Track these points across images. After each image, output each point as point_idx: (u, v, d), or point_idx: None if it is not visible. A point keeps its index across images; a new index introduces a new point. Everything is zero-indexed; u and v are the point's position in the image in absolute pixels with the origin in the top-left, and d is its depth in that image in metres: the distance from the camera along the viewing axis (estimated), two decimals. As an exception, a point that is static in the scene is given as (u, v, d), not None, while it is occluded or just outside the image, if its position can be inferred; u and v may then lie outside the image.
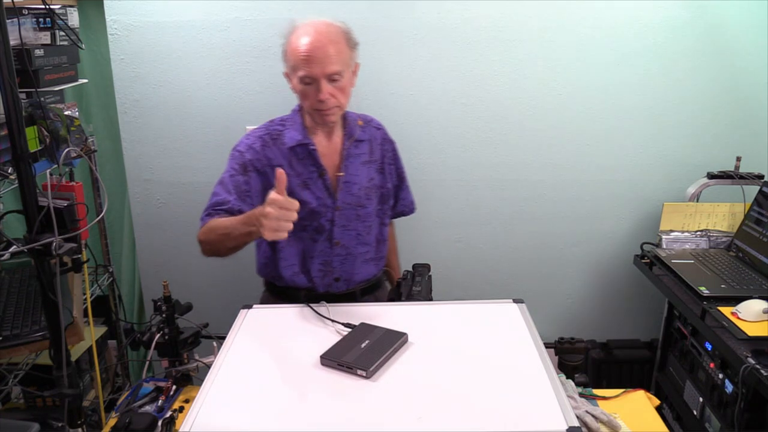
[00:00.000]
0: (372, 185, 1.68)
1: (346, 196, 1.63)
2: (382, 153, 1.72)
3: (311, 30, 1.48)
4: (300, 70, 1.48)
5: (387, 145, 1.74)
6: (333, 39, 1.48)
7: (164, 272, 2.25)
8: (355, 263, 1.67)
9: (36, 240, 1.09)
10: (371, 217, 1.69)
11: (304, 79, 1.48)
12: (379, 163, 1.71)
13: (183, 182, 2.20)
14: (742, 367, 1.43)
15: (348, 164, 1.63)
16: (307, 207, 1.59)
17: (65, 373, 1.14)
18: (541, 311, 2.32)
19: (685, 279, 1.81)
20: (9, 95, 1.04)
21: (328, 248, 1.64)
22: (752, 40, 2.06)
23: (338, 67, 1.48)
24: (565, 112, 2.14)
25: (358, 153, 1.66)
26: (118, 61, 2.07)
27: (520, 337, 1.23)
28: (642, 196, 2.24)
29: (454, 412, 1.00)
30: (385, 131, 1.75)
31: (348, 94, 1.56)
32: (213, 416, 1.01)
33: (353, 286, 1.68)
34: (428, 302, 1.48)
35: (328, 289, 1.66)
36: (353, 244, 1.66)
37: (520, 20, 2.04)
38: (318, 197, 1.60)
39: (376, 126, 1.73)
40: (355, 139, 1.65)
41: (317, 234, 1.63)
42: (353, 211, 1.64)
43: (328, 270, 1.65)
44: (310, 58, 1.46)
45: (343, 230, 1.64)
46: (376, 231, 1.71)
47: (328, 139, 1.63)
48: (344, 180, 1.63)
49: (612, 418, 1.29)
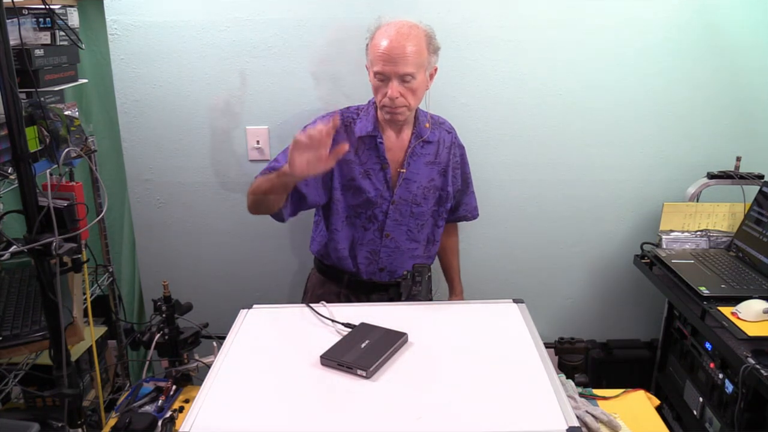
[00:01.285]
0: (431, 186, 1.73)
1: (404, 192, 1.69)
2: (449, 156, 1.76)
3: (393, 30, 1.52)
4: (375, 66, 1.53)
5: (455, 149, 1.79)
6: (412, 40, 1.52)
7: (164, 272, 2.25)
8: (402, 257, 1.73)
9: (36, 240, 1.09)
10: (425, 216, 1.74)
11: (377, 75, 1.54)
12: (443, 166, 1.75)
13: (183, 182, 2.20)
14: (742, 367, 1.43)
15: (411, 162, 1.69)
16: (364, 195, 1.66)
17: (65, 373, 1.14)
18: (541, 311, 2.32)
19: (685, 279, 1.81)
20: (9, 95, 1.04)
21: (378, 239, 1.71)
22: (752, 40, 2.06)
23: (412, 68, 1.52)
24: (565, 112, 2.14)
25: (424, 153, 1.71)
26: (118, 61, 2.07)
27: (520, 337, 1.23)
28: (642, 196, 2.24)
29: (454, 412, 1.00)
30: (455, 135, 1.80)
31: (419, 96, 1.59)
32: (213, 416, 1.01)
33: (396, 278, 1.72)
34: (428, 302, 1.48)
35: (372, 277, 1.74)
36: (403, 239, 1.72)
37: (520, 20, 2.04)
38: (376, 188, 1.67)
39: (447, 129, 1.78)
40: (423, 139, 1.69)
41: (369, 223, 1.70)
42: (408, 207, 1.70)
43: (375, 259, 1.72)
44: (386, 57, 1.51)
45: (395, 224, 1.70)
46: (428, 231, 1.76)
47: (396, 135, 1.69)
48: (405, 176, 1.68)
49: (612, 418, 1.29)
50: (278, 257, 2.28)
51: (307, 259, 2.00)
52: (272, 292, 2.30)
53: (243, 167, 2.18)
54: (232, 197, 2.22)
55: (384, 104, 1.57)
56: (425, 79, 1.59)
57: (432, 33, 1.59)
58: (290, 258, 2.28)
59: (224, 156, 2.17)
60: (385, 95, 1.54)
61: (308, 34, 2.04)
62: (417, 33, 1.54)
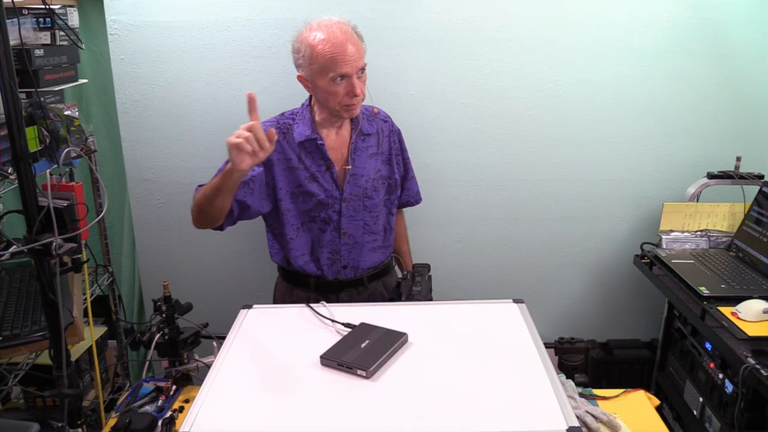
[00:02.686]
0: (379, 176, 1.74)
1: (353, 188, 1.69)
2: (390, 145, 1.78)
3: (330, 31, 1.53)
4: (331, 71, 1.52)
5: (394, 136, 1.80)
6: (351, 35, 1.55)
7: (164, 272, 2.25)
8: (363, 251, 1.74)
9: (36, 240, 1.09)
10: (378, 208, 1.75)
11: (335, 78, 1.53)
12: (387, 155, 1.77)
13: (183, 182, 2.20)
14: (742, 367, 1.43)
15: (355, 157, 1.70)
16: (315, 199, 1.67)
17: (65, 373, 1.14)
18: (541, 311, 2.32)
19: (685, 279, 1.81)
20: (9, 95, 1.04)
21: (336, 238, 1.71)
22: (753, 40, 2.06)
23: (364, 60, 1.57)
24: (565, 112, 2.14)
25: (366, 146, 1.72)
26: (118, 61, 2.07)
27: (520, 337, 1.23)
28: (642, 196, 2.24)
29: (454, 412, 1.00)
30: (392, 123, 1.81)
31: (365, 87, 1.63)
32: (213, 416, 1.01)
33: (361, 272, 1.75)
34: (428, 302, 1.48)
35: (337, 276, 1.74)
36: (360, 233, 1.73)
37: (520, 20, 2.04)
38: (326, 189, 1.67)
39: (383, 118, 1.79)
40: (362, 131, 1.71)
41: (325, 224, 1.70)
42: (360, 202, 1.71)
43: (336, 258, 1.72)
44: (341, 58, 1.51)
45: (350, 220, 1.70)
46: (383, 220, 1.78)
47: (336, 133, 1.70)
48: (351, 173, 1.69)
49: (612, 418, 1.29)
50: (278, 257, 2.28)
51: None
52: (272, 292, 2.30)
53: (243, 167, 2.17)
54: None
55: (346, 103, 1.57)
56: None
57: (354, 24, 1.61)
58: (290, 258, 2.28)
59: (224, 156, 2.15)
60: (347, 94, 1.55)
61: (308, 34, 2.04)
62: (348, 27, 1.57)
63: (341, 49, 1.52)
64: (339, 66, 1.52)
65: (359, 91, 1.56)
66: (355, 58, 1.53)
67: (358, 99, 1.57)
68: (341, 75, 1.53)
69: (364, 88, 1.59)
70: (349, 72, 1.53)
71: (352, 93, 1.55)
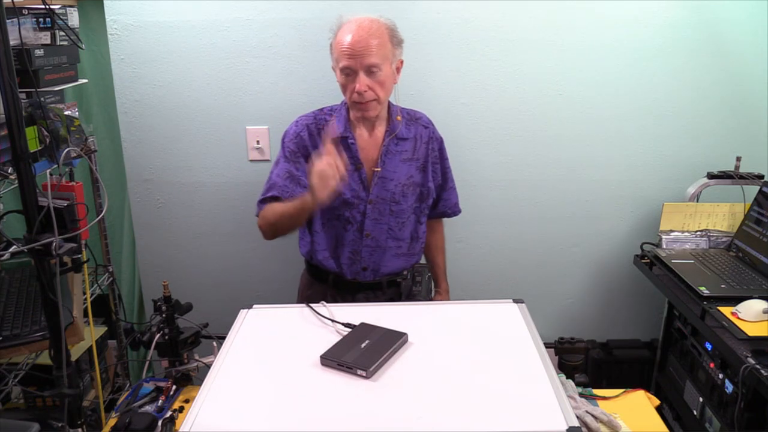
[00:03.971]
0: (410, 183, 1.71)
1: (381, 191, 1.67)
2: (427, 151, 1.74)
3: (354, 25, 1.54)
4: (341, 62, 1.54)
5: (433, 143, 1.77)
6: (374, 33, 1.53)
7: (164, 272, 2.25)
8: (384, 256, 1.71)
9: (36, 240, 1.09)
10: (405, 214, 1.72)
11: (344, 70, 1.55)
12: (422, 162, 1.73)
13: (183, 182, 2.20)
14: (742, 367, 1.43)
15: (386, 160, 1.67)
16: (341, 197, 1.65)
17: (65, 373, 1.14)
18: (541, 311, 2.32)
19: (685, 279, 1.81)
20: (9, 95, 1.04)
21: (359, 239, 1.69)
22: (752, 40, 2.06)
23: (377, 59, 1.52)
24: (565, 112, 2.14)
25: (399, 150, 1.69)
26: (118, 61, 2.07)
27: (520, 337, 1.23)
28: (642, 196, 2.24)
29: (453, 412, 1.00)
30: (433, 129, 1.78)
31: (387, 89, 1.60)
32: (213, 416, 1.01)
33: (380, 277, 1.72)
34: (428, 302, 1.48)
35: (356, 277, 1.72)
36: (384, 237, 1.70)
37: (520, 20, 2.04)
38: (352, 189, 1.66)
39: (423, 124, 1.76)
40: (397, 136, 1.68)
41: (348, 224, 1.69)
42: (387, 206, 1.68)
43: (357, 259, 1.71)
44: (350, 51, 1.52)
45: (374, 223, 1.69)
46: (410, 228, 1.74)
47: (369, 134, 1.68)
48: (380, 175, 1.67)
49: (612, 418, 1.29)
50: (278, 257, 2.28)
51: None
52: (272, 292, 2.30)
53: (243, 167, 2.18)
54: (232, 197, 2.22)
55: (354, 100, 1.57)
56: (392, 72, 1.59)
57: (394, 26, 1.60)
58: (290, 258, 2.27)
59: (224, 156, 2.17)
60: (354, 90, 1.54)
61: (308, 34, 2.04)
62: (378, 26, 1.55)
63: (351, 42, 1.51)
64: (342, 58, 1.53)
65: (361, 88, 1.53)
66: (362, 54, 1.51)
67: (363, 97, 1.55)
68: (345, 68, 1.53)
69: (378, 89, 1.55)
70: (352, 66, 1.52)
71: (358, 90, 1.53)
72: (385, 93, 1.59)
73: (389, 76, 1.58)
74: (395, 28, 1.60)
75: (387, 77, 1.57)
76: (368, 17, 1.56)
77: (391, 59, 1.57)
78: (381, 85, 1.56)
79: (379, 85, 1.55)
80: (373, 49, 1.51)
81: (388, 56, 1.55)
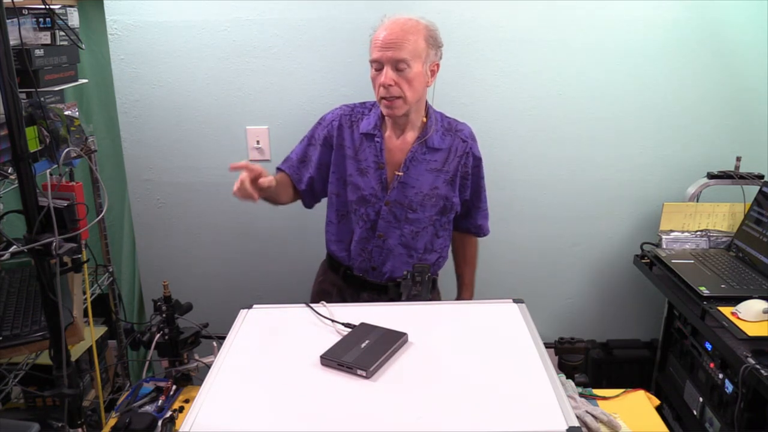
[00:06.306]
0: (434, 194, 1.67)
1: (399, 195, 1.66)
2: (458, 166, 1.69)
3: (392, 21, 1.54)
4: (372, 54, 1.54)
5: (467, 159, 1.71)
6: (409, 30, 1.52)
7: (164, 272, 2.25)
8: (395, 261, 1.70)
9: (36, 240, 1.09)
10: (422, 224, 1.69)
11: (373, 63, 1.55)
12: (451, 175, 1.69)
13: (183, 182, 2.20)
14: (742, 367, 1.43)
15: (411, 166, 1.65)
16: (359, 193, 1.66)
17: (65, 373, 1.14)
18: (541, 311, 2.31)
19: (685, 279, 1.81)
20: (9, 95, 1.04)
21: (371, 237, 1.69)
22: (752, 40, 2.06)
23: (405, 55, 1.50)
24: (565, 112, 2.14)
25: (428, 159, 1.66)
26: (118, 61, 2.07)
27: (520, 337, 1.23)
28: (642, 196, 2.24)
29: (453, 412, 1.00)
30: (472, 144, 1.72)
31: (416, 90, 1.56)
32: (213, 416, 1.01)
33: (386, 280, 1.71)
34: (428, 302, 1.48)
35: (364, 275, 1.72)
36: (395, 242, 1.69)
37: (520, 20, 2.04)
38: (371, 187, 1.66)
39: (462, 138, 1.70)
40: (427, 145, 1.65)
41: (362, 221, 1.69)
42: (403, 211, 1.67)
43: (367, 257, 1.71)
44: (381, 44, 1.52)
45: (388, 225, 1.68)
46: (426, 239, 1.71)
47: (399, 136, 1.67)
48: (401, 180, 1.66)
49: (612, 418, 1.29)
50: (278, 257, 2.28)
51: (306, 259, 2.00)
52: (272, 292, 2.30)
53: (243, 167, 2.17)
54: (232, 197, 2.21)
55: (380, 95, 1.56)
56: (423, 72, 1.55)
57: (433, 28, 1.58)
58: (290, 258, 2.28)
59: (224, 156, 2.17)
60: (380, 84, 1.53)
61: (308, 34, 2.04)
62: (415, 24, 1.54)
63: (382, 35, 1.51)
64: (374, 51, 1.53)
65: (386, 81, 1.50)
66: (392, 47, 1.49)
67: (388, 92, 1.52)
68: (374, 61, 1.54)
69: (405, 86, 1.52)
70: (380, 59, 1.51)
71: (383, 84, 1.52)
72: (413, 93, 1.55)
73: (419, 75, 1.54)
74: (435, 30, 1.57)
75: (416, 76, 1.53)
76: (410, 17, 1.55)
77: (423, 58, 1.54)
78: (409, 83, 1.52)
79: (407, 83, 1.52)
80: (403, 44, 1.50)
81: (420, 54, 1.52)
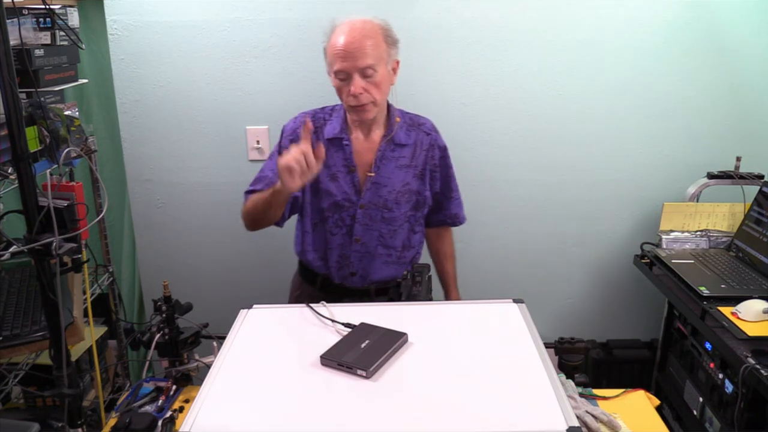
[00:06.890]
0: (406, 190, 1.66)
1: (373, 196, 1.64)
2: (426, 159, 1.69)
3: (347, 27, 1.50)
4: (335, 65, 1.51)
5: (434, 151, 1.70)
6: (368, 34, 1.49)
7: (164, 272, 2.25)
8: (374, 263, 1.68)
9: (36, 240, 1.09)
10: (398, 222, 1.68)
11: (338, 74, 1.51)
12: (420, 169, 1.68)
13: (183, 182, 2.20)
14: (742, 367, 1.43)
15: (381, 165, 1.64)
16: (332, 199, 1.63)
17: (65, 373, 1.14)
18: (541, 311, 2.31)
19: (685, 279, 1.81)
20: (9, 95, 1.04)
21: (348, 243, 1.66)
22: (752, 40, 2.06)
23: (371, 60, 1.49)
24: (565, 112, 2.14)
25: (396, 156, 1.65)
26: (118, 61, 2.07)
27: (520, 337, 1.23)
28: (642, 196, 2.24)
29: (453, 412, 1.00)
30: (436, 137, 1.72)
31: (384, 91, 1.56)
32: (213, 416, 1.01)
33: (369, 284, 1.69)
34: (428, 302, 1.48)
35: (344, 282, 1.69)
36: (374, 244, 1.67)
37: (520, 20, 2.04)
38: (344, 191, 1.63)
39: (426, 131, 1.70)
40: (394, 141, 1.64)
41: (337, 227, 1.66)
42: (378, 212, 1.65)
43: (346, 263, 1.68)
44: (343, 53, 1.48)
45: (365, 228, 1.65)
46: (403, 236, 1.70)
47: (366, 137, 1.64)
48: (374, 180, 1.63)
49: (612, 418, 1.29)
50: (278, 257, 2.27)
51: (307, 259, 2.01)
52: (272, 292, 2.30)
53: (243, 167, 2.18)
54: (232, 197, 2.21)
55: (350, 104, 1.53)
56: (388, 73, 1.55)
57: (388, 26, 1.55)
58: (291, 258, 2.27)
59: (224, 156, 2.17)
60: (350, 94, 1.51)
61: (308, 34, 2.04)
62: (371, 26, 1.51)
63: (344, 44, 1.47)
64: (336, 61, 1.49)
65: (357, 90, 1.49)
66: (355, 56, 1.47)
67: (358, 100, 1.51)
68: (339, 72, 1.50)
69: (374, 91, 1.51)
70: (346, 69, 1.48)
71: (353, 93, 1.50)
72: (381, 95, 1.55)
73: (385, 77, 1.54)
74: (389, 28, 1.56)
75: (383, 78, 1.53)
76: (361, 18, 1.52)
77: (386, 60, 1.53)
78: (377, 87, 1.52)
79: (375, 87, 1.51)
80: (367, 50, 1.47)
81: (383, 57, 1.51)
